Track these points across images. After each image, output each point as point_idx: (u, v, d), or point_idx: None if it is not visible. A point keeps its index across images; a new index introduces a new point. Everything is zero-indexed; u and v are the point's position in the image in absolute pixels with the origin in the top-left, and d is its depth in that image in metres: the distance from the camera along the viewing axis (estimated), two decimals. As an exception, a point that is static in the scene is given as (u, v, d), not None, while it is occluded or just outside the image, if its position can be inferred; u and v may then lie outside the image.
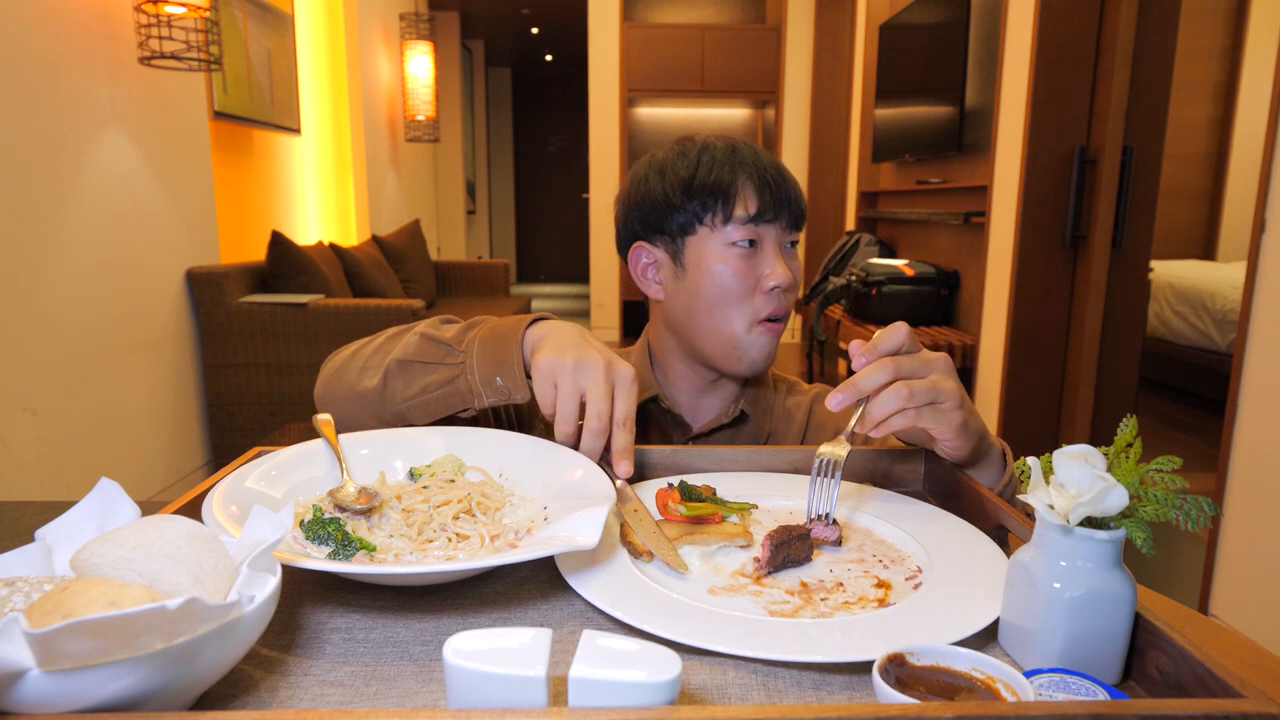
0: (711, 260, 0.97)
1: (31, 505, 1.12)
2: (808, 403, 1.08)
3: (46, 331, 2.37)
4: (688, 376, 1.05)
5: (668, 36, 6.45)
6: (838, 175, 5.90)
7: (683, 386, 1.06)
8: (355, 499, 0.69)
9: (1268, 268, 2.02)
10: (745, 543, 0.68)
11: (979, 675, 0.46)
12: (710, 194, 0.96)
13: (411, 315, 3.26)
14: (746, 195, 0.96)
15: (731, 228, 0.96)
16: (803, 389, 1.12)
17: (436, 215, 7.36)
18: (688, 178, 0.97)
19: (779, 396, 1.10)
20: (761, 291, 0.96)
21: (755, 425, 1.05)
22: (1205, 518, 0.49)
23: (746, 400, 1.05)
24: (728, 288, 0.96)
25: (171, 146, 3.00)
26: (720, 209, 0.96)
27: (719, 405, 1.07)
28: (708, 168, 0.97)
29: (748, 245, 0.96)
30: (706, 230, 0.97)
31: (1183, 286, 4.48)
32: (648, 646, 0.42)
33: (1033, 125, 3.02)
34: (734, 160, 0.97)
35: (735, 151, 0.98)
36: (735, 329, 0.97)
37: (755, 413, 1.05)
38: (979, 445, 0.77)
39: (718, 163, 0.97)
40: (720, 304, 0.97)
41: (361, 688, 0.50)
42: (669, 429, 1.06)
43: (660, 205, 0.99)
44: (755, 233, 0.96)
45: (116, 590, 0.42)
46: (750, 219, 0.95)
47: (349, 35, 4.96)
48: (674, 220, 0.99)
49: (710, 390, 1.06)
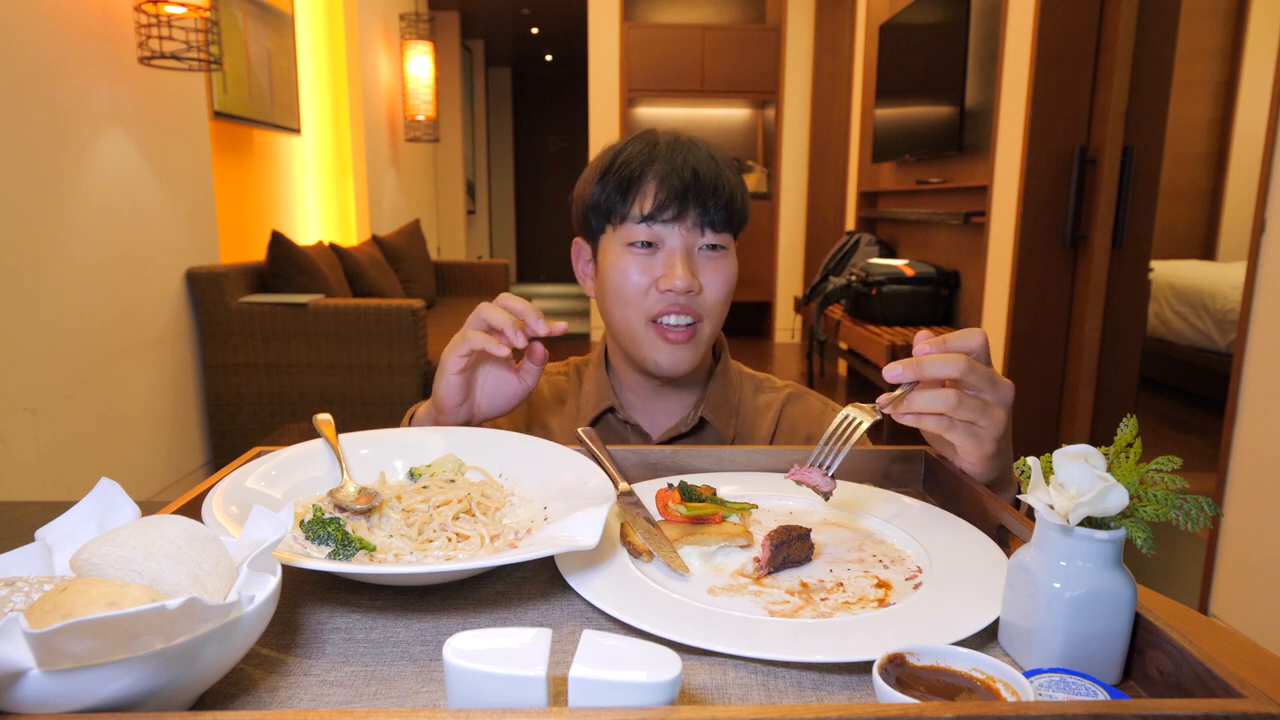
0: (611, 259, 0.95)
1: (31, 505, 1.12)
2: (779, 402, 1.04)
3: (46, 331, 2.37)
4: (636, 379, 1.02)
5: (668, 36, 6.45)
6: (838, 175, 5.90)
7: (637, 391, 1.03)
8: (355, 499, 0.69)
9: (1268, 268, 2.02)
10: (745, 543, 0.68)
11: (979, 675, 0.46)
12: (614, 191, 0.93)
13: (411, 315, 3.26)
14: (647, 194, 0.92)
15: (628, 226, 0.93)
16: (774, 385, 1.07)
17: (436, 215, 7.36)
18: (601, 173, 0.95)
19: (745, 394, 1.05)
20: (657, 291, 0.92)
21: (716, 431, 1.01)
22: (1205, 518, 0.49)
23: (707, 406, 1.01)
24: (620, 288, 0.93)
25: (171, 146, 3.00)
26: (620, 207, 0.93)
27: (677, 411, 1.03)
28: (623, 164, 0.93)
29: (643, 246, 0.92)
30: (611, 229, 0.95)
31: (1183, 286, 4.48)
32: (648, 646, 0.42)
33: (1033, 125, 3.02)
34: (648, 157, 0.93)
35: (655, 148, 0.94)
36: (634, 329, 0.94)
37: (716, 418, 1.01)
38: (996, 479, 0.76)
39: (632, 159, 0.93)
40: (618, 303, 0.94)
41: (361, 688, 0.50)
42: (628, 439, 1.03)
43: (585, 201, 0.98)
44: (653, 234, 0.92)
45: (116, 590, 0.42)
46: (645, 218, 0.91)
47: (349, 35, 4.96)
48: (592, 217, 0.97)
49: (663, 394, 1.03)
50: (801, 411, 1.04)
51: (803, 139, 6.52)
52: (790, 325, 6.73)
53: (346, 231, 5.04)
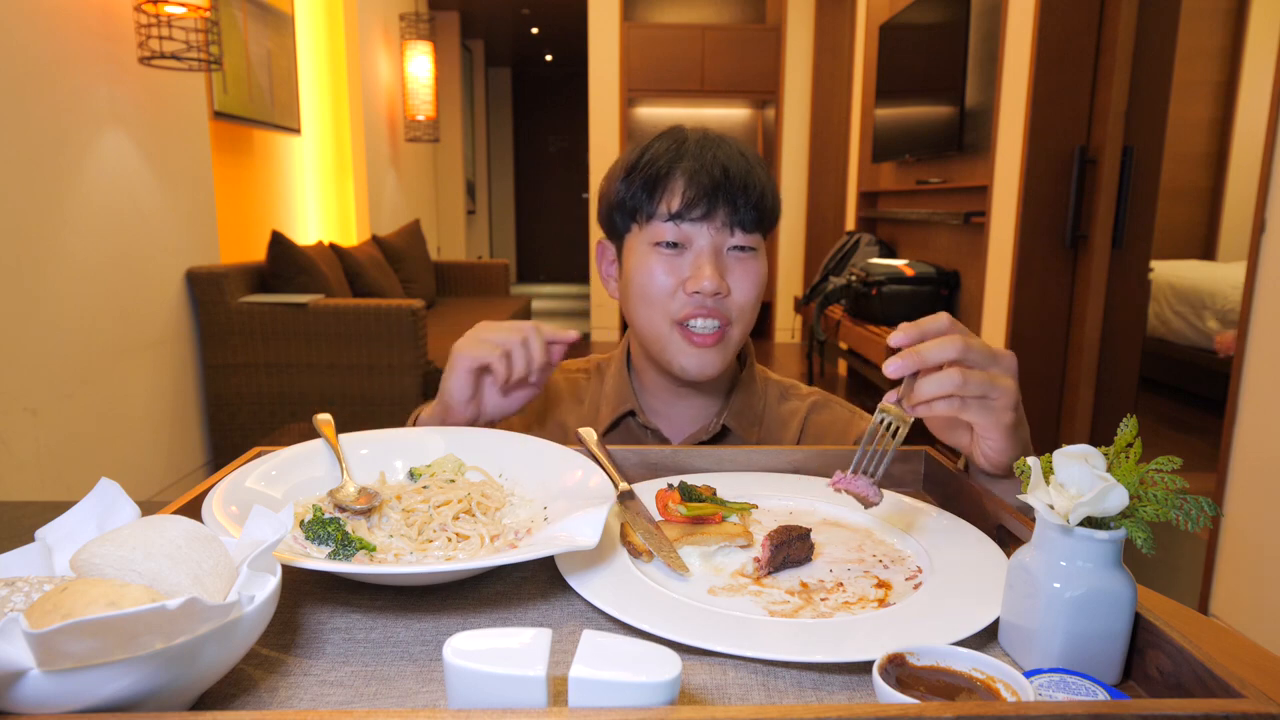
0: (636, 259, 0.92)
1: (31, 505, 1.12)
2: (804, 410, 1.01)
3: (46, 331, 2.37)
4: (659, 382, 1.00)
5: (668, 36, 6.45)
6: (838, 175, 5.90)
7: (659, 395, 1.01)
8: (355, 499, 0.69)
9: (1268, 268, 2.02)
10: (745, 543, 0.68)
11: (979, 675, 0.46)
12: (641, 188, 0.90)
13: (411, 315, 3.26)
14: (674, 191, 0.88)
15: (655, 225, 0.90)
16: (800, 393, 1.04)
17: (436, 215, 7.36)
18: (628, 170, 0.92)
19: (769, 402, 1.03)
20: (684, 293, 0.89)
21: (739, 440, 0.99)
22: (1205, 518, 0.49)
23: (730, 413, 0.98)
24: (645, 289, 0.90)
25: (171, 146, 3.00)
26: (646, 205, 0.90)
27: (699, 417, 1.01)
28: (649, 161, 0.90)
29: (669, 246, 0.89)
30: (637, 228, 0.92)
31: (1183, 286, 4.47)
32: (648, 646, 0.42)
33: (1033, 125, 3.02)
34: (676, 153, 0.89)
35: (683, 144, 0.90)
36: (659, 331, 0.91)
37: (739, 425, 0.98)
38: (1021, 452, 0.71)
39: (659, 156, 0.90)
40: (643, 305, 0.91)
41: (361, 688, 0.50)
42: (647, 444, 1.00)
43: (610, 200, 0.95)
44: (680, 233, 0.89)
45: (116, 590, 0.42)
46: (673, 217, 0.88)
47: (349, 35, 4.96)
48: (618, 216, 0.94)
49: (684, 398, 1.00)
50: (829, 420, 1.01)
51: (803, 139, 6.52)
52: (790, 325, 6.73)
53: (346, 231, 5.04)
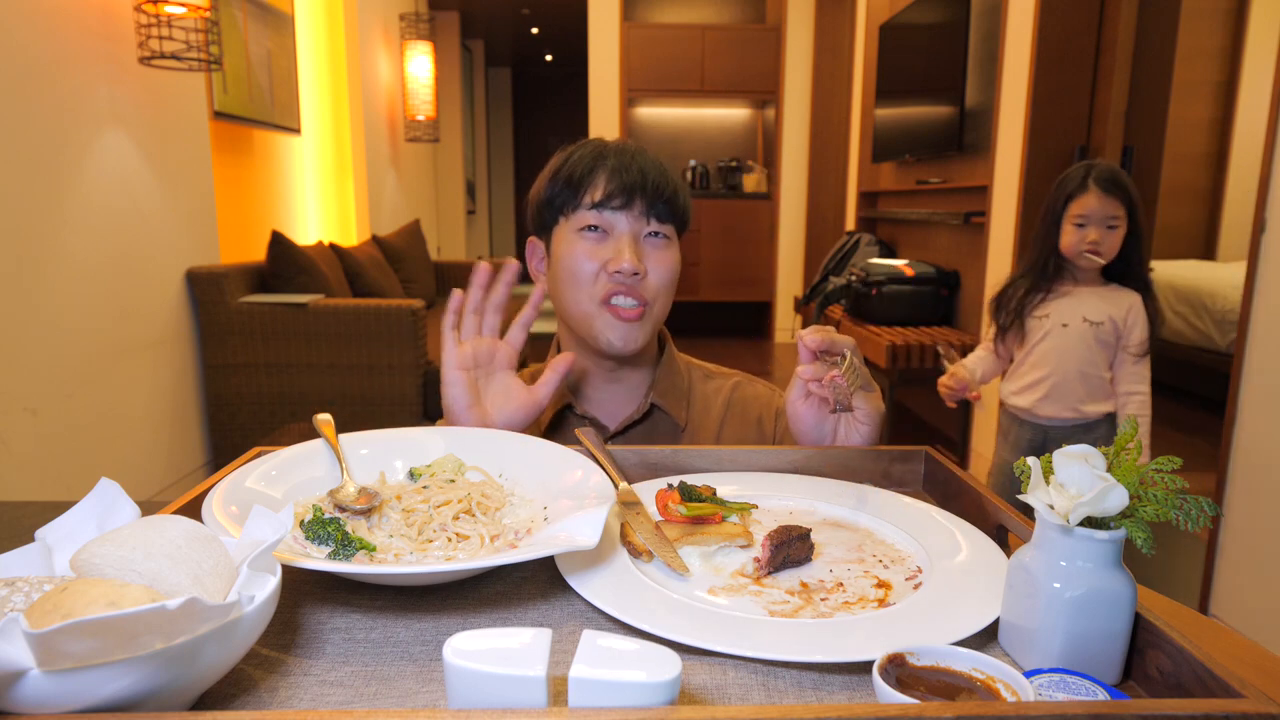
0: (564, 247, 1.01)
1: (31, 505, 1.12)
2: (728, 388, 1.11)
3: (46, 331, 2.37)
4: (591, 367, 1.07)
5: (668, 36, 6.44)
6: (838, 175, 5.89)
7: (590, 382, 1.09)
8: (355, 499, 0.69)
9: (1268, 268, 2.02)
10: (745, 543, 0.68)
11: (979, 675, 0.46)
12: (566, 184, 1.01)
13: (411, 315, 3.26)
14: (597, 185, 0.99)
15: (580, 214, 1.00)
16: (723, 373, 1.14)
17: (436, 215, 7.36)
18: (554, 171, 1.03)
19: (694, 381, 1.12)
20: (606, 273, 0.99)
21: (669, 417, 1.07)
22: (1205, 518, 0.49)
23: (656, 392, 1.07)
24: (574, 270, 1.00)
25: (171, 146, 3.00)
26: (572, 199, 1.01)
27: (630, 401, 1.09)
28: (575, 162, 1.01)
29: (593, 231, 0.99)
30: (564, 219, 1.02)
31: (1183, 286, 4.47)
32: (648, 646, 0.42)
33: (1033, 125, 3.02)
34: (598, 154, 1.01)
35: (605, 148, 1.03)
36: (587, 310, 1.00)
37: (667, 403, 1.07)
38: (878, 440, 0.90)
39: (583, 156, 1.01)
40: (571, 285, 1.00)
41: (361, 688, 0.50)
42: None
43: (539, 199, 1.05)
44: (602, 219, 0.99)
45: (116, 590, 0.42)
46: (595, 205, 0.99)
47: (349, 35, 4.96)
48: (546, 211, 1.04)
49: (615, 381, 1.08)
50: (752, 395, 1.11)
51: (803, 139, 6.52)
52: (790, 325, 6.72)
53: (346, 231, 5.04)
